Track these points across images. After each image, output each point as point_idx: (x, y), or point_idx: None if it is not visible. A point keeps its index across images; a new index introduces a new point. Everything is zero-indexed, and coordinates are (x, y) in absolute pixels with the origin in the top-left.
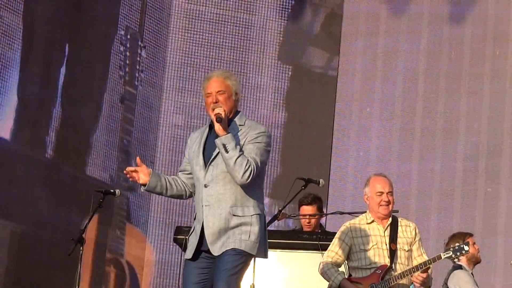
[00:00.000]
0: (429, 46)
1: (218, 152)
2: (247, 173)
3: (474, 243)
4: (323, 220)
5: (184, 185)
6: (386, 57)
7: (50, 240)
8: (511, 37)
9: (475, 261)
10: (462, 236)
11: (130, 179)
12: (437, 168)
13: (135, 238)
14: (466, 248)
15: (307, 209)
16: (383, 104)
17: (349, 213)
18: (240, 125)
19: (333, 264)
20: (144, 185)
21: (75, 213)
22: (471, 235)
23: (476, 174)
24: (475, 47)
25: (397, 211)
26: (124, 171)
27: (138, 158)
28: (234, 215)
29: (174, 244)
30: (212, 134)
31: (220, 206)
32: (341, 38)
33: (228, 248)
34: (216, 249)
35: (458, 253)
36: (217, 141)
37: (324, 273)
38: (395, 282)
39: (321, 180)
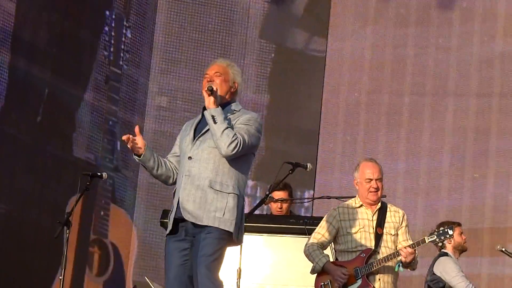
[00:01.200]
0: (416, 32)
1: (208, 129)
2: (233, 145)
3: (461, 233)
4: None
5: (172, 168)
6: (375, 41)
7: (37, 221)
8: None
9: (461, 249)
10: (450, 225)
11: (129, 145)
12: (424, 151)
13: (119, 219)
14: (450, 232)
15: (279, 194)
16: (371, 88)
17: (337, 198)
18: (234, 110)
19: (319, 246)
20: (139, 155)
21: (61, 194)
22: (459, 224)
23: (463, 159)
24: (464, 30)
25: (384, 196)
26: (124, 137)
27: (137, 127)
28: (211, 188)
29: (159, 225)
30: (204, 116)
31: (200, 177)
32: (330, 21)
33: (203, 224)
34: (189, 215)
35: (443, 237)
36: (206, 112)
37: (309, 254)
38: (379, 266)
39: (308, 164)
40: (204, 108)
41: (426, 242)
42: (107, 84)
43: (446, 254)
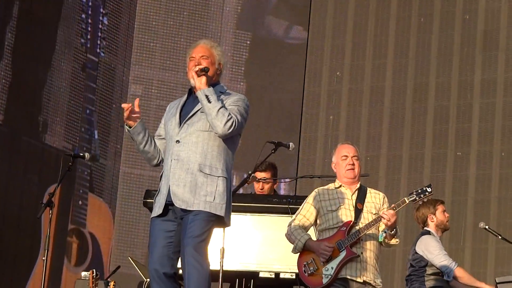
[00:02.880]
0: (398, 13)
1: (196, 112)
2: (229, 123)
3: (444, 211)
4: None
5: (158, 149)
6: (356, 21)
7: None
8: None
9: (443, 228)
10: (433, 203)
11: (125, 113)
12: (407, 131)
13: (97, 208)
14: (429, 189)
15: (261, 175)
16: (353, 68)
17: (319, 176)
18: (220, 92)
19: (300, 227)
20: (130, 126)
21: (37, 184)
22: (442, 202)
23: (446, 138)
24: (445, 10)
25: (367, 175)
26: (124, 104)
27: (137, 100)
28: (201, 171)
29: (137, 215)
30: (190, 98)
31: (189, 162)
32: (311, 2)
33: (193, 209)
34: (179, 202)
35: (422, 195)
36: (199, 92)
37: (291, 234)
38: (361, 234)
39: (291, 144)
40: (190, 90)
41: (407, 202)
42: (84, 72)
43: (428, 233)
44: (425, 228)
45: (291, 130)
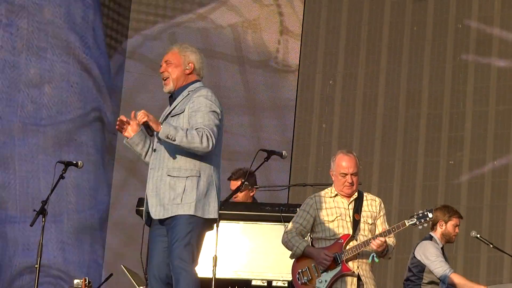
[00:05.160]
0: (392, 19)
1: (166, 117)
2: (205, 139)
3: (457, 225)
4: (258, 194)
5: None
6: (349, 29)
7: None
8: None
9: (448, 239)
10: (451, 213)
11: (116, 127)
12: (400, 138)
13: None
14: (430, 215)
15: (234, 184)
16: (346, 76)
17: (312, 185)
18: (189, 91)
19: (297, 234)
20: (127, 137)
21: None
22: (460, 216)
23: (439, 145)
24: (438, 18)
25: (360, 183)
26: (118, 119)
27: (133, 112)
28: (169, 175)
29: (129, 222)
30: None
31: (160, 168)
32: (304, 9)
33: (167, 216)
34: (154, 212)
35: (422, 220)
36: (160, 136)
37: (289, 241)
38: (358, 251)
39: (284, 152)
40: (171, 96)
41: (406, 225)
42: None
43: (430, 238)
44: (431, 232)
45: (284, 138)
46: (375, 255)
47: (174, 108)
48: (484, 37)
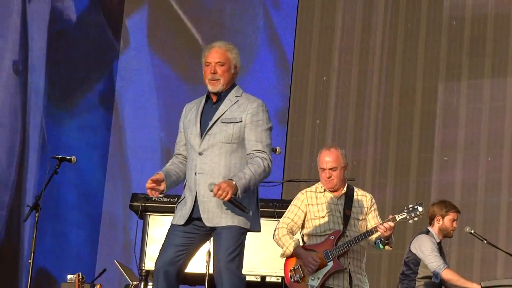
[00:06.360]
0: (384, 18)
1: (215, 122)
2: (266, 165)
3: (454, 220)
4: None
5: (183, 167)
6: (343, 26)
7: None
8: None
9: (446, 234)
10: (448, 208)
11: (154, 195)
12: (393, 135)
13: None
14: (420, 209)
15: None
16: (340, 73)
17: (305, 181)
18: (236, 96)
19: (288, 231)
20: (162, 192)
21: None
22: (457, 211)
23: (432, 142)
24: (432, 16)
25: (353, 179)
26: (149, 189)
27: (155, 176)
28: None
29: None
30: (208, 104)
31: (213, 175)
32: (298, 5)
33: (221, 225)
34: (208, 219)
35: (413, 214)
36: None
37: (279, 239)
38: (349, 247)
39: (278, 148)
40: (208, 95)
41: (397, 220)
42: None
43: (427, 232)
44: (428, 227)
45: (277, 134)
46: (380, 242)
47: (224, 113)
48: (478, 35)
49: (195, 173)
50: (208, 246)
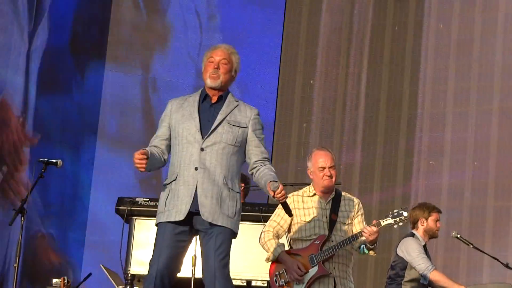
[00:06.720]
0: (373, 21)
1: (221, 121)
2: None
3: (437, 220)
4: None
5: (160, 154)
6: (330, 29)
7: None
8: None
9: (432, 235)
10: (430, 209)
11: (141, 168)
12: (380, 138)
13: None
14: (405, 214)
15: None
16: (327, 76)
17: (292, 185)
18: (236, 101)
19: (274, 235)
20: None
21: None
22: (438, 211)
23: (419, 146)
24: (419, 19)
25: (339, 183)
26: (137, 159)
27: (141, 153)
28: (225, 184)
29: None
30: (205, 103)
31: (215, 173)
32: (286, 7)
33: (218, 223)
34: (208, 213)
35: (398, 219)
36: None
37: (264, 243)
38: (334, 252)
39: None
40: (204, 90)
41: (382, 225)
42: None
43: (412, 235)
44: (413, 230)
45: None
46: (364, 247)
47: (228, 115)
48: (464, 39)
49: (195, 167)
50: (194, 250)
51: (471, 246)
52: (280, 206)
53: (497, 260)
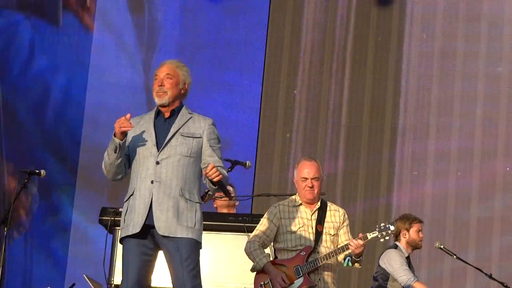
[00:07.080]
0: (356, 31)
1: (174, 134)
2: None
3: (419, 231)
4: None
5: (126, 160)
6: (314, 38)
7: None
8: None
9: (415, 246)
10: (410, 220)
11: (124, 127)
12: (363, 149)
13: None
14: (391, 228)
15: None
16: (310, 85)
17: (275, 195)
18: (189, 113)
19: (260, 245)
20: (121, 140)
21: None
22: (420, 221)
23: (402, 156)
24: (402, 29)
25: (323, 194)
26: (124, 118)
27: (129, 115)
28: (182, 196)
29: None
30: (159, 119)
31: (171, 186)
32: (269, 19)
33: (177, 236)
34: (163, 228)
35: (384, 233)
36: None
37: (250, 253)
38: (320, 264)
39: (247, 162)
40: (158, 108)
41: (368, 238)
42: None
43: (395, 247)
44: (396, 242)
45: (248, 148)
46: (349, 259)
47: (182, 127)
48: (448, 48)
49: (151, 181)
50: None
51: (455, 256)
52: (265, 215)
53: (481, 271)
